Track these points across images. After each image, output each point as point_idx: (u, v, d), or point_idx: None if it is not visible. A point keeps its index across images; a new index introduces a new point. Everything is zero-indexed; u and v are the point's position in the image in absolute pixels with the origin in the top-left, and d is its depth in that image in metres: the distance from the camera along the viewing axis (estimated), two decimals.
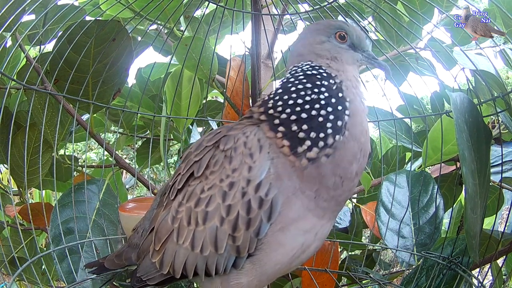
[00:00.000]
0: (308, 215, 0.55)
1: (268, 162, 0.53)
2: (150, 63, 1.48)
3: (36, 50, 1.68)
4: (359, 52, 0.62)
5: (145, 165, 1.56)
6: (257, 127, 0.57)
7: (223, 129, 0.60)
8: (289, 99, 0.55)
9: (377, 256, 1.28)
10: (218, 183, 0.55)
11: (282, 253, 0.56)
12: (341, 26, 0.61)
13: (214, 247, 0.55)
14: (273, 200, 0.53)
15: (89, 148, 3.37)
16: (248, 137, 0.55)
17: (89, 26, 0.90)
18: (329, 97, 0.55)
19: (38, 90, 0.89)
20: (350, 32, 0.61)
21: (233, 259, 0.55)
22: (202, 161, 0.59)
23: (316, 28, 0.62)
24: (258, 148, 0.54)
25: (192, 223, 0.56)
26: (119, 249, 0.74)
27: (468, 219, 0.69)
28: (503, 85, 0.75)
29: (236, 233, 0.54)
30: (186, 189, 0.59)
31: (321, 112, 0.53)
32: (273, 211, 0.53)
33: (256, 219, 0.53)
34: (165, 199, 0.63)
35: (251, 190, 0.53)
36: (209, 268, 0.56)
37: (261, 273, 0.56)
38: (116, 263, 0.70)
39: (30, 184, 1.11)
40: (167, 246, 0.59)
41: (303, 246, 0.57)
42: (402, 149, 1.39)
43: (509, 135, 1.18)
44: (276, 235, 0.54)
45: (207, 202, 0.56)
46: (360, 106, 0.57)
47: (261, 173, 0.53)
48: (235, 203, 0.54)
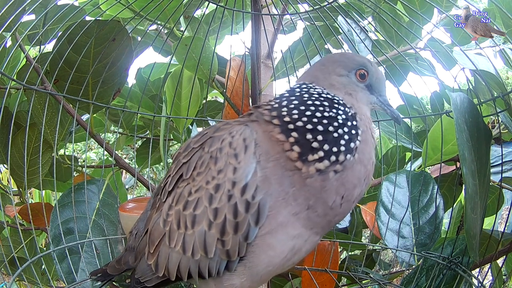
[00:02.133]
0: (296, 224, 0.53)
1: (253, 162, 0.52)
2: (150, 63, 1.48)
3: (36, 50, 1.68)
4: (375, 95, 0.61)
5: (145, 165, 1.56)
6: (244, 125, 0.55)
7: (210, 129, 0.59)
8: (306, 110, 0.54)
9: (377, 256, 1.28)
10: (205, 185, 0.54)
11: (273, 256, 0.55)
12: (364, 64, 0.60)
13: (204, 252, 0.54)
14: (260, 203, 0.51)
15: (89, 147, 3.37)
16: (234, 137, 0.54)
17: (89, 26, 0.90)
18: (346, 119, 0.55)
19: (38, 90, 0.88)
20: (371, 73, 0.60)
21: (225, 263, 0.54)
22: (191, 163, 0.58)
23: (339, 60, 0.61)
24: (243, 148, 0.53)
25: (182, 227, 0.55)
26: (119, 255, 0.74)
27: (468, 219, 0.69)
28: (503, 85, 0.75)
29: (225, 237, 0.52)
30: (176, 191, 0.58)
31: (338, 130, 0.53)
32: (260, 215, 0.51)
33: (243, 223, 0.52)
34: (158, 201, 0.63)
35: (237, 192, 0.52)
36: (202, 271, 0.55)
37: (254, 274, 0.56)
38: (117, 268, 0.70)
39: (30, 184, 1.11)
40: (160, 249, 0.58)
41: (294, 249, 0.55)
42: (402, 149, 1.39)
43: (509, 135, 1.18)
44: (265, 238, 0.53)
45: (194, 205, 0.55)
46: (370, 138, 0.57)
47: (247, 174, 0.52)
48: (222, 206, 0.52)
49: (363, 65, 0.60)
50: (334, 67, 0.60)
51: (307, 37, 1.16)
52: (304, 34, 1.22)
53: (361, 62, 0.60)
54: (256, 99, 1.11)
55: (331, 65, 0.60)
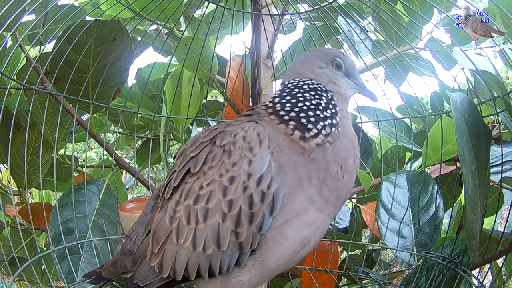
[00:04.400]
0: (310, 209, 0.56)
1: (268, 155, 0.54)
2: (150, 63, 1.48)
3: (36, 50, 1.69)
4: (352, 80, 0.68)
5: (145, 165, 1.56)
6: (255, 123, 0.58)
7: (220, 125, 0.61)
8: (297, 102, 0.61)
9: (377, 256, 1.28)
10: (218, 178, 0.55)
11: (286, 247, 0.56)
12: (337, 55, 0.67)
13: (216, 245, 0.54)
14: (275, 194, 0.53)
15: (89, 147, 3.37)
16: (247, 132, 0.56)
17: (89, 26, 0.90)
18: (327, 102, 0.61)
19: (38, 90, 0.88)
20: (345, 62, 0.67)
21: (236, 256, 0.55)
22: (199, 157, 0.58)
23: (315, 55, 0.68)
24: (257, 142, 0.55)
25: (192, 221, 0.56)
26: (114, 257, 0.73)
27: (468, 219, 0.69)
28: (503, 85, 0.75)
29: (239, 228, 0.53)
30: (183, 187, 0.58)
31: (323, 112, 0.60)
32: (275, 205, 0.53)
33: (258, 213, 0.53)
34: (160, 201, 0.62)
35: (253, 183, 0.53)
36: (213, 267, 0.55)
37: (263, 269, 0.56)
38: (112, 271, 0.69)
39: (30, 184, 1.11)
40: (166, 248, 0.58)
41: (305, 240, 0.57)
42: (402, 149, 1.39)
43: (509, 135, 1.18)
44: (280, 228, 0.54)
45: (207, 198, 0.55)
46: (346, 114, 0.64)
47: (262, 166, 0.53)
48: (237, 198, 0.53)
49: (336, 55, 0.66)
50: (314, 61, 0.66)
51: (307, 37, 1.16)
52: (304, 34, 1.22)
53: (334, 54, 0.67)
54: (256, 99, 1.11)
55: (311, 60, 0.67)
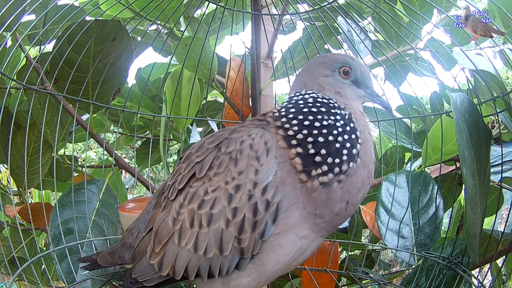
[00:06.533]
0: (305, 225, 0.56)
1: (275, 165, 0.54)
2: (150, 63, 1.49)
3: (36, 50, 1.68)
4: (362, 89, 0.63)
5: (145, 165, 1.56)
6: (262, 129, 0.57)
7: (226, 131, 0.60)
8: (304, 119, 0.56)
9: (377, 256, 1.28)
10: (223, 185, 0.55)
11: (282, 254, 0.56)
12: (346, 61, 0.62)
13: (218, 249, 0.55)
14: (279, 203, 0.53)
15: (89, 147, 3.37)
16: (254, 140, 0.56)
17: (89, 26, 0.90)
18: (345, 125, 0.56)
19: (38, 90, 0.88)
20: (354, 68, 0.62)
21: (236, 260, 0.55)
22: (205, 162, 0.58)
23: (322, 62, 0.63)
24: (265, 151, 0.54)
25: (196, 225, 0.56)
26: (113, 247, 0.73)
27: (468, 219, 0.69)
28: (503, 85, 0.75)
29: (242, 235, 0.54)
30: (188, 190, 0.59)
31: (339, 138, 0.55)
32: (278, 214, 0.54)
33: (262, 221, 0.53)
34: (163, 200, 0.63)
35: (258, 192, 0.53)
36: (213, 270, 0.56)
37: (262, 273, 0.57)
38: (109, 260, 0.70)
39: (30, 184, 1.11)
40: (167, 248, 0.58)
41: (301, 249, 0.57)
42: (401, 149, 1.39)
43: (509, 135, 1.18)
44: (277, 237, 0.55)
45: (211, 204, 0.56)
46: (368, 137, 0.58)
47: (268, 176, 0.53)
48: (242, 206, 0.54)
49: (345, 62, 0.62)
50: (319, 70, 0.62)
51: (307, 37, 1.16)
52: (304, 34, 1.22)
53: (342, 60, 0.62)
54: (256, 99, 1.11)
55: (315, 68, 0.63)
